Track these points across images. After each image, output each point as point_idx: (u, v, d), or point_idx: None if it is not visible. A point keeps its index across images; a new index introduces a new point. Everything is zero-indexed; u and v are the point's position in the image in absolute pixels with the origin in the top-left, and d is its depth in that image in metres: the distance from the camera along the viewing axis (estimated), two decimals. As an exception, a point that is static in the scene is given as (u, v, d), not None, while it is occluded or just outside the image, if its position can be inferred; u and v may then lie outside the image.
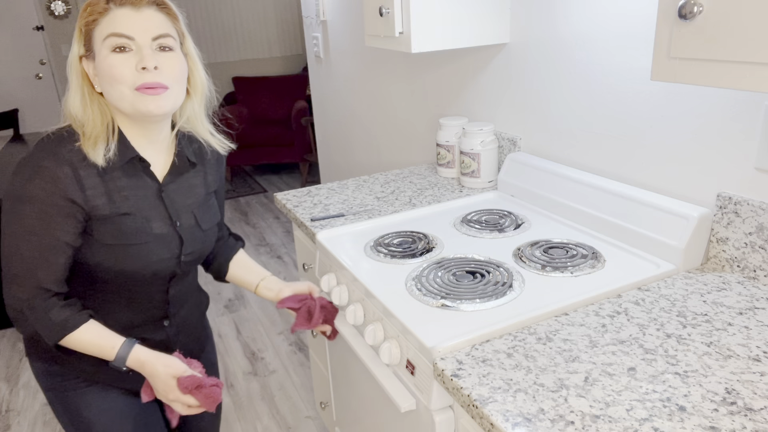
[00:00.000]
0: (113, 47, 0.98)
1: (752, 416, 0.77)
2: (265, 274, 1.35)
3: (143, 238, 1.08)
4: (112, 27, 0.98)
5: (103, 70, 0.99)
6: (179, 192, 1.15)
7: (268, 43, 6.70)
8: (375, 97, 2.52)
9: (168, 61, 1.02)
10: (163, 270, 1.12)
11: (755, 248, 1.10)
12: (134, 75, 0.99)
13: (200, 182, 1.19)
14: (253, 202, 4.77)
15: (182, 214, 1.15)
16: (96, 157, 1.01)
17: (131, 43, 0.99)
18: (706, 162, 1.18)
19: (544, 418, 0.79)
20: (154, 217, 1.10)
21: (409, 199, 1.67)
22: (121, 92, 1.00)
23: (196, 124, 1.16)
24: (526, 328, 1.01)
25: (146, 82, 0.99)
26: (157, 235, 1.10)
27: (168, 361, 1.07)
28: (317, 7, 2.80)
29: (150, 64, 0.99)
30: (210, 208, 1.21)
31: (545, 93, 1.55)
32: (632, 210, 1.26)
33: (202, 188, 1.19)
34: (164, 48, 1.02)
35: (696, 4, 0.77)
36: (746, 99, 1.08)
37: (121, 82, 0.99)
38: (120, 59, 0.98)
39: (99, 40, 0.99)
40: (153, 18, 1.01)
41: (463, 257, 1.27)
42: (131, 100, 1.00)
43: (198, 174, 1.19)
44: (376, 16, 1.60)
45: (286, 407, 2.36)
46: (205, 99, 1.15)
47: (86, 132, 1.02)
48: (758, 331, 0.95)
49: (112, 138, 1.04)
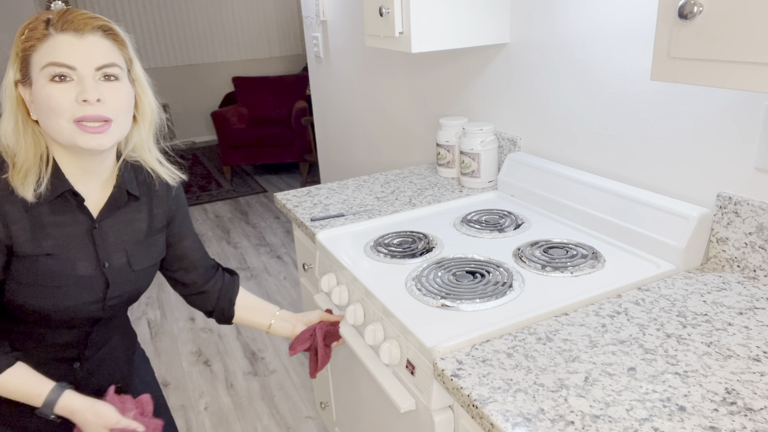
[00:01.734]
0: (52, 76, 0.90)
1: (752, 416, 0.77)
2: (274, 311, 1.30)
3: (62, 281, 1.00)
4: (52, 55, 0.90)
5: (41, 99, 0.91)
6: (115, 228, 1.06)
7: (268, 43, 6.69)
8: (375, 97, 2.52)
9: (112, 91, 0.94)
10: (83, 313, 1.04)
11: (755, 248, 1.10)
12: (74, 107, 0.91)
13: (143, 217, 1.10)
14: (253, 202, 4.77)
15: (113, 254, 1.06)
16: (25, 192, 0.94)
17: (72, 72, 0.91)
18: (706, 162, 1.18)
19: (544, 418, 0.79)
20: (80, 258, 1.02)
21: (409, 199, 1.67)
22: (58, 125, 0.92)
23: (143, 152, 1.08)
24: (526, 328, 1.01)
25: (87, 114, 0.91)
26: (80, 277, 1.02)
27: (100, 409, 1.01)
28: (317, 7, 2.80)
29: (92, 97, 0.91)
30: (151, 246, 1.12)
31: (545, 93, 1.55)
32: (632, 210, 1.26)
33: (144, 223, 1.10)
34: (109, 77, 0.94)
35: (696, 4, 0.77)
36: (746, 99, 1.08)
37: (59, 114, 0.91)
38: (59, 90, 0.90)
39: (37, 68, 0.91)
40: (97, 45, 0.93)
41: (463, 257, 1.27)
42: (69, 134, 0.92)
43: (141, 208, 1.10)
44: (376, 16, 1.60)
45: (286, 407, 2.36)
46: (153, 126, 1.08)
47: (17, 163, 0.94)
48: (758, 331, 0.95)
49: (45, 170, 0.96)
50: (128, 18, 6.02)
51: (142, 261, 1.11)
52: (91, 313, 1.06)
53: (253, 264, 3.64)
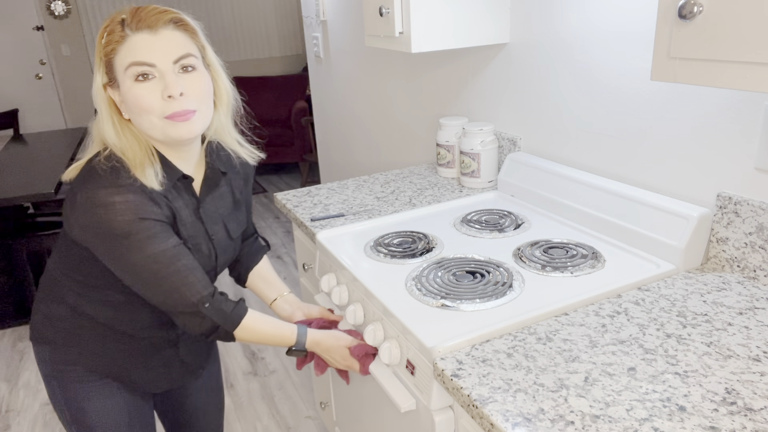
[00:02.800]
0: (136, 76, 0.96)
1: (752, 416, 0.77)
2: (282, 291, 1.36)
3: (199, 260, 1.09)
4: (132, 56, 0.96)
5: (130, 100, 0.98)
6: (213, 203, 1.15)
7: (268, 43, 6.70)
8: (375, 97, 2.52)
9: (193, 83, 1.00)
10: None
11: (755, 248, 1.10)
12: (161, 104, 0.97)
13: (228, 190, 1.19)
14: (253, 202, 4.77)
15: (215, 226, 1.15)
16: (151, 182, 1.01)
17: (153, 70, 0.97)
18: (706, 162, 1.18)
19: (544, 418, 0.79)
20: (199, 236, 1.11)
21: (409, 199, 1.67)
22: (150, 122, 0.99)
23: (224, 134, 1.15)
24: (526, 328, 1.01)
25: (175, 111, 0.98)
26: (203, 254, 1.11)
27: (338, 334, 1.17)
28: (317, 7, 2.80)
29: (175, 92, 0.97)
30: (238, 215, 1.22)
31: (545, 93, 1.55)
32: (632, 210, 1.26)
33: (230, 196, 1.19)
34: (187, 68, 1.00)
35: (696, 4, 0.77)
36: (746, 99, 1.08)
37: (150, 112, 0.98)
38: (145, 89, 0.97)
39: (121, 70, 0.97)
40: (172, 39, 0.98)
41: (463, 257, 1.27)
42: (162, 128, 0.99)
43: (227, 182, 1.19)
44: (376, 16, 1.60)
45: (286, 407, 2.36)
46: (231, 109, 1.14)
47: (130, 159, 1.01)
48: (758, 331, 0.95)
49: (154, 161, 1.03)
50: (128, 18, 6.01)
51: (235, 229, 1.21)
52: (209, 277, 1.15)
53: (253, 264, 3.64)
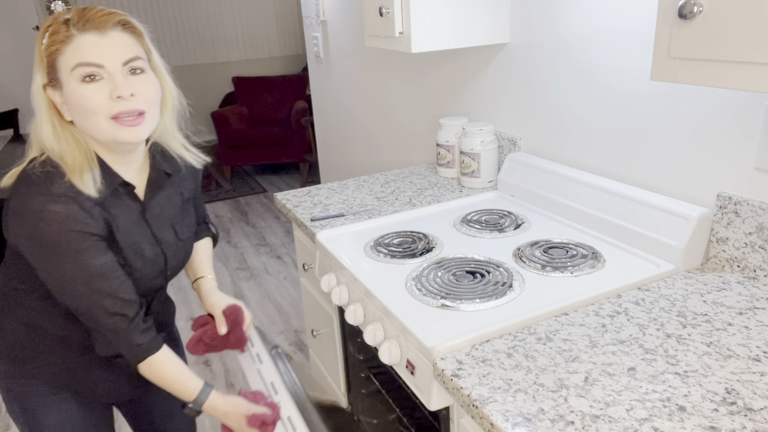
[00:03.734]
0: (83, 77, 0.93)
1: (752, 416, 0.77)
2: (205, 273, 1.31)
3: (137, 266, 1.07)
4: (79, 56, 0.93)
5: (75, 101, 0.95)
6: (159, 206, 1.13)
7: (268, 43, 6.69)
8: (375, 97, 2.52)
9: (142, 84, 0.98)
10: (151, 286, 1.13)
11: (755, 248, 1.10)
12: (109, 104, 0.95)
13: (176, 191, 1.17)
14: (253, 202, 4.77)
15: (163, 230, 1.13)
16: (88, 189, 0.97)
17: (102, 71, 0.94)
18: (706, 162, 1.18)
19: (544, 418, 0.79)
20: (143, 241, 1.08)
21: (409, 199, 1.67)
22: (96, 123, 0.95)
23: (169, 138, 1.13)
24: (526, 328, 1.01)
25: (123, 110, 0.95)
26: (147, 258, 1.09)
27: (235, 401, 1.12)
28: (317, 7, 2.80)
29: (126, 92, 0.94)
30: (187, 216, 1.20)
31: (545, 93, 1.55)
32: (632, 210, 1.26)
33: (178, 197, 1.18)
34: (135, 71, 0.97)
35: (696, 4, 0.77)
36: (746, 99, 1.08)
37: (96, 112, 0.94)
38: (92, 89, 0.94)
39: (66, 71, 0.94)
40: (120, 41, 0.96)
41: (463, 257, 1.27)
42: (108, 131, 0.96)
43: (173, 183, 1.17)
44: (376, 16, 1.60)
45: (286, 407, 2.35)
46: (176, 112, 1.12)
47: (68, 164, 0.98)
48: (758, 331, 0.95)
49: (94, 167, 1.00)
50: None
51: (184, 230, 1.19)
52: (156, 285, 1.15)
53: (253, 264, 3.64)
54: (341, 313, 1.48)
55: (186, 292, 3.33)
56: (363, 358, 1.47)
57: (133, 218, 1.07)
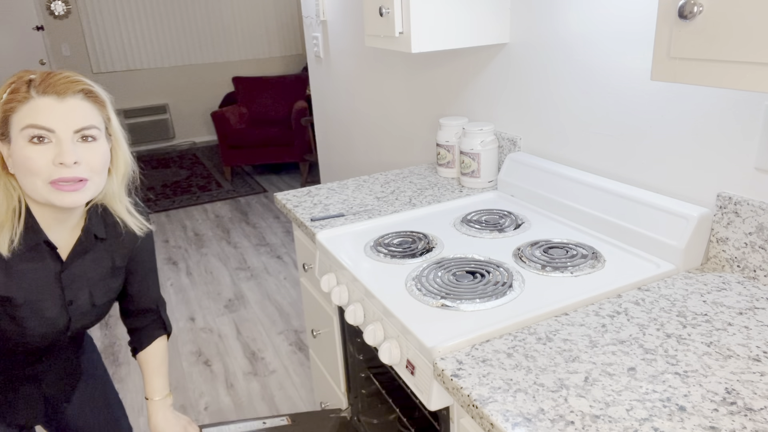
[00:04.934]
0: (30, 137, 0.92)
1: (752, 416, 0.77)
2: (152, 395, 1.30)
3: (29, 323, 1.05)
4: (31, 117, 0.92)
5: (18, 159, 0.94)
6: (81, 268, 1.10)
7: (268, 43, 6.69)
8: (375, 97, 2.52)
9: (89, 153, 0.97)
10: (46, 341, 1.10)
11: (755, 248, 1.10)
12: (50, 168, 0.93)
13: (106, 255, 1.14)
14: (253, 202, 4.77)
15: (78, 292, 1.10)
16: (1, 248, 0.97)
17: (51, 135, 0.93)
18: (706, 162, 1.18)
19: (544, 418, 0.79)
20: (46, 299, 1.06)
21: (409, 199, 1.67)
22: (34, 184, 0.94)
23: (114, 201, 1.11)
24: (526, 328, 1.01)
25: (63, 176, 0.94)
26: (46, 318, 1.06)
27: None
28: (317, 7, 2.80)
29: (69, 160, 0.93)
30: (112, 282, 1.17)
31: (545, 93, 1.55)
32: (632, 210, 1.26)
33: (108, 261, 1.15)
34: (86, 138, 0.97)
35: (696, 4, 0.77)
36: (746, 99, 1.08)
37: (36, 175, 0.93)
38: (37, 152, 0.92)
39: (17, 128, 0.93)
40: (77, 108, 0.95)
41: (463, 257, 1.27)
42: (45, 194, 0.95)
43: (106, 248, 1.14)
44: (376, 16, 1.60)
45: (286, 407, 2.36)
46: (126, 178, 1.11)
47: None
48: (758, 331, 0.95)
49: (17, 224, 0.99)
50: (128, 18, 6.02)
51: (103, 296, 1.15)
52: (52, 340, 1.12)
53: (253, 264, 3.64)
54: (341, 313, 1.48)
55: (185, 292, 3.33)
56: (363, 358, 1.47)
57: (45, 277, 1.05)
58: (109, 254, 1.15)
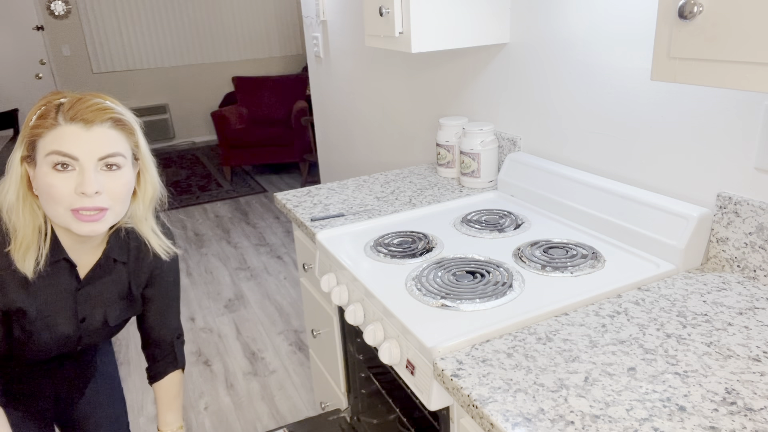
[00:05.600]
0: (54, 164, 0.92)
1: (752, 416, 0.77)
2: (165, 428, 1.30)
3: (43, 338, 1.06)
4: (57, 144, 0.92)
5: (42, 185, 0.94)
6: (98, 288, 1.11)
7: (268, 43, 6.69)
8: (375, 97, 2.52)
9: (112, 182, 0.97)
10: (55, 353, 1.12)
11: (755, 248, 1.10)
12: (72, 197, 0.93)
13: (125, 279, 1.14)
14: (253, 202, 4.77)
15: (93, 311, 1.11)
16: (25, 269, 0.98)
17: (75, 163, 0.93)
18: (706, 162, 1.18)
19: (544, 418, 0.79)
20: (61, 316, 1.07)
21: (409, 199, 1.67)
22: (56, 211, 0.95)
23: (140, 224, 1.11)
24: (526, 328, 1.01)
25: (84, 206, 0.94)
26: (58, 333, 1.08)
27: None
28: (317, 7, 2.80)
29: (90, 190, 0.93)
30: (129, 304, 1.17)
31: (545, 93, 1.55)
32: (632, 210, 1.26)
33: (124, 285, 1.15)
34: (111, 166, 0.96)
35: (696, 4, 0.77)
36: (746, 99, 1.08)
37: (58, 202, 0.93)
38: (60, 179, 0.93)
39: (42, 153, 0.93)
40: (104, 137, 0.95)
41: (463, 257, 1.27)
42: (65, 221, 0.95)
43: (127, 269, 1.14)
44: (376, 16, 1.60)
45: (286, 407, 2.36)
46: (153, 202, 1.11)
47: (17, 238, 0.97)
48: (758, 331, 0.95)
49: (43, 244, 0.99)
50: (128, 18, 6.02)
51: (118, 317, 1.15)
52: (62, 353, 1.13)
53: (253, 264, 3.64)
54: (341, 313, 1.48)
55: (186, 292, 3.33)
56: (363, 358, 1.47)
57: (61, 294, 1.06)
58: (126, 278, 1.15)
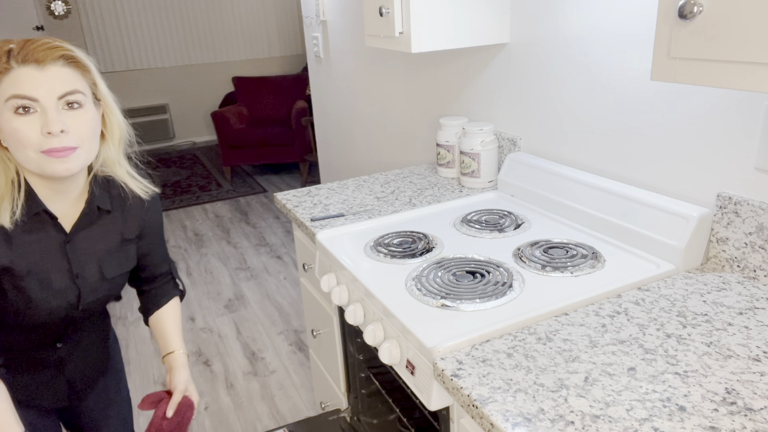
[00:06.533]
0: (15, 108, 0.93)
1: (752, 416, 0.77)
2: (175, 348, 1.29)
3: (39, 295, 1.05)
4: (14, 88, 0.92)
5: (7, 132, 0.94)
6: (88, 240, 1.10)
7: (268, 43, 6.69)
8: (375, 97, 2.52)
9: (76, 119, 0.97)
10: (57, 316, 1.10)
11: (755, 248, 1.10)
12: (39, 139, 0.94)
13: (116, 228, 1.14)
14: (253, 202, 4.77)
15: (86, 265, 1.10)
16: (2, 220, 0.97)
17: (35, 104, 0.93)
18: (706, 162, 1.18)
19: (544, 418, 0.79)
20: (54, 271, 1.06)
21: (409, 199, 1.67)
22: (26, 155, 0.95)
23: (114, 167, 1.11)
24: (526, 328, 1.01)
25: (53, 146, 0.94)
26: (55, 290, 1.07)
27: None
28: (317, 7, 2.80)
29: (55, 129, 0.93)
30: (123, 255, 1.17)
31: (545, 93, 1.55)
32: (632, 210, 1.26)
33: (117, 234, 1.15)
34: (72, 105, 0.96)
35: (696, 4, 0.77)
36: (746, 99, 1.08)
37: (26, 146, 0.94)
38: (24, 122, 0.93)
39: (1, 100, 0.94)
40: (59, 75, 0.95)
41: (463, 257, 1.27)
42: (37, 163, 0.95)
43: (114, 220, 1.14)
44: (376, 16, 1.60)
45: (286, 407, 2.36)
46: (123, 142, 1.11)
47: None
48: (758, 331, 0.95)
49: (18, 195, 0.99)
50: (128, 18, 6.02)
51: (114, 269, 1.15)
52: (66, 315, 1.11)
53: (253, 264, 3.64)
54: (341, 313, 1.48)
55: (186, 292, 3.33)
56: (363, 358, 1.47)
57: (49, 248, 1.05)
58: (117, 227, 1.14)
